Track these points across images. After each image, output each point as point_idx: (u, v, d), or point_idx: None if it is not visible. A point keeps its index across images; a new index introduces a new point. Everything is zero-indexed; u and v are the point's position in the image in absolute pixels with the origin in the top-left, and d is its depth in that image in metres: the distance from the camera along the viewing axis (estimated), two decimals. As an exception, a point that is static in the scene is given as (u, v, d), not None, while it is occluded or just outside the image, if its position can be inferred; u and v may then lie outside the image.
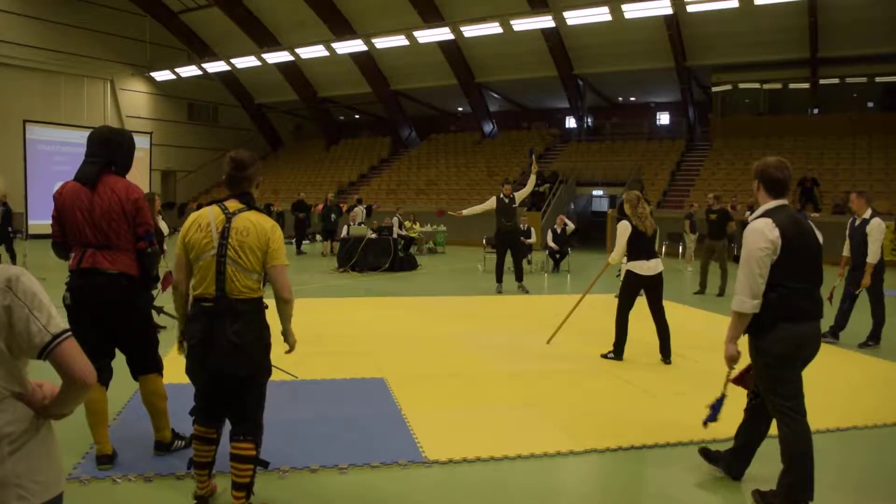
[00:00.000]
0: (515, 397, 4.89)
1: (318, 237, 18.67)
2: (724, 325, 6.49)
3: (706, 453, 3.63)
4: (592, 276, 7.10)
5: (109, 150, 3.40)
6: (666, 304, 9.99)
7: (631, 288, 6.09)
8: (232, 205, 2.89)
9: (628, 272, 6.04)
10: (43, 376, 1.75)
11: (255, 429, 2.94)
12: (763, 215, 3.14)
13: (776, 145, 21.90)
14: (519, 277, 10.79)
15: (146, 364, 3.52)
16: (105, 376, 3.46)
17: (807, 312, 3.13)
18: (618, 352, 6.10)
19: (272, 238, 2.84)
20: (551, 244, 14.35)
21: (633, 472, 3.70)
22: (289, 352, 3.05)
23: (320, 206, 18.02)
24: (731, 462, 3.51)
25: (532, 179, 10.65)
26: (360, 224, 15.43)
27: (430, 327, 7.63)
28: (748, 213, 15.30)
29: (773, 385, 3.17)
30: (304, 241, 18.60)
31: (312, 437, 3.98)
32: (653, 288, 6.05)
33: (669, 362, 5.98)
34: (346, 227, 15.05)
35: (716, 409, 3.51)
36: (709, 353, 6.45)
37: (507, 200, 10.34)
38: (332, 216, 17.19)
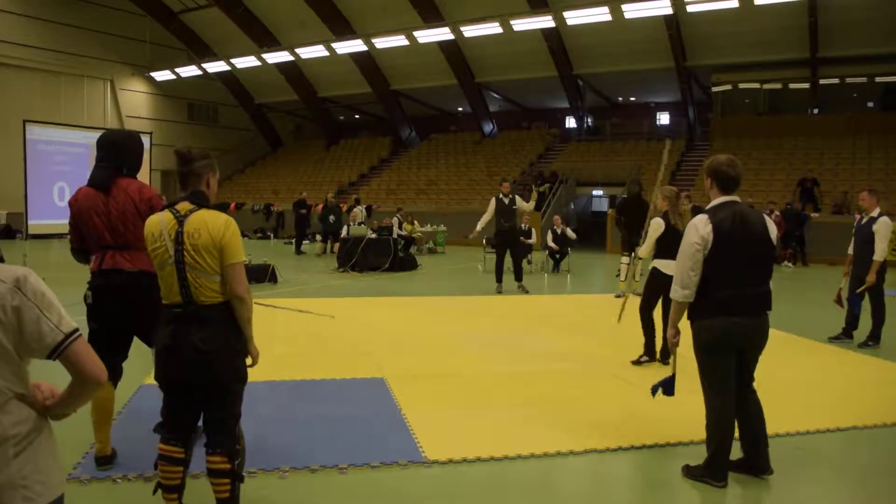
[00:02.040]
0: (515, 397, 4.88)
1: (318, 237, 18.66)
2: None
3: (731, 466, 3.54)
4: (593, 277, 7.11)
5: (119, 153, 3.49)
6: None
7: (654, 286, 5.86)
8: (183, 206, 2.74)
9: (654, 269, 5.86)
10: (39, 377, 1.74)
11: (227, 441, 2.78)
12: (704, 211, 3.35)
13: (776, 145, 21.92)
14: (518, 277, 10.80)
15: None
16: (116, 375, 3.50)
17: (739, 306, 3.28)
18: (650, 352, 5.95)
19: (226, 235, 2.68)
20: (551, 244, 14.35)
21: (633, 472, 3.70)
22: (251, 365, 2.87)
23: (320, 207, 18.01)
24: (753, 461, 3.51)
25: (532, 203, 10.84)
26: (360, 224, 15.43)
27: (430, 327, 7.62)
28: None
29: (701, 368, 3.45)
30: (304, 241, 18.58)
31: (312, 437, 3.98)
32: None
33: (668, 363, 5.97)
34: (346, 227, 15.05)
35: (665, 384, 3.69)
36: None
37: (506, 201, 10.37)
38: (331, 217, 17.12)
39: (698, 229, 3.25)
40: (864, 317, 7.01)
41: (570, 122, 28.79)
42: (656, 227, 5.81)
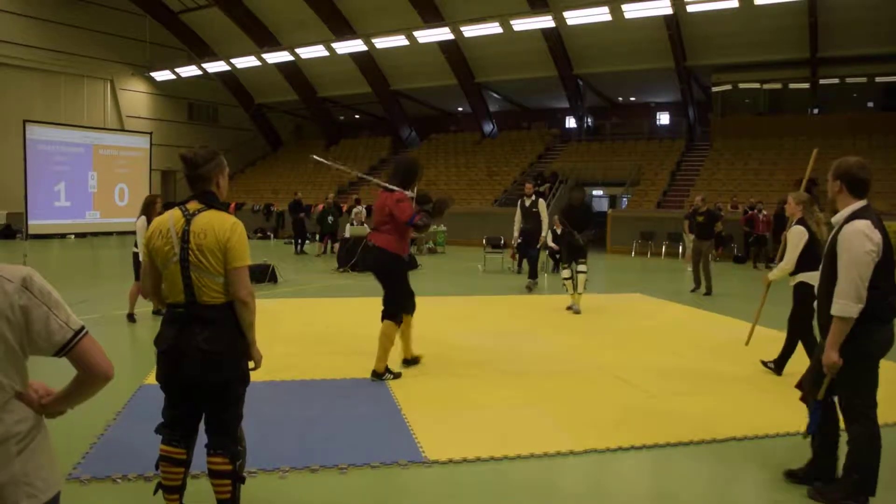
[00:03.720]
0: (515, 397, 4.88)
1: (317, 237, 18.66)
2: (724, 325, 6.48)
3: (793, 475, 3.44)
4: (593, 277, 7.05)
5: (398, 171, 5.49)
6: (665, 303, 10.00)
7: (809, 301, 5.29)
8: (192, 206, 2.75)
9: (802, 284, 5.24)
10: (37, 376, 1.74)
11: (227, 442, 2.78)
12: (856, 217, 3.09)
13: (776, 145, 21.91)
14: (533, 275, 11.22)
15: (388, 313, 5.29)
16: (398, 319, 5.33)
17: (893, 312, 3.11)
18: (780, 366, 5.60)
19: (231, 237, 2.68)
20: (551, 244, 14.35)
21: (633, 472, 3.70)
22: (254, 369, 2.87)
23: (320, 207, 18.00)
24: (829, 471, 3.35)
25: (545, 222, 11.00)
26: (362, 224, 15.43)
27: (431, 327, 7.61)
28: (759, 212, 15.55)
29: (856, 385, 3.13)
30: (305, 241, 18.57)
31: (312, 437, 3.98)
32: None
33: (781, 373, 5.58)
34: (346, 227, 15.05)
35: (815, 417, 3.31)
36: (708, 352, 6.45)
37: (527, 203, 10.64)
38: (329, 218, 17.09)
39: (870, 236, 2.99)
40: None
41: (570, 122, 28.78)
42: (799, 236, 5.22)
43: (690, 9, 19.06)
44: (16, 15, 24.21)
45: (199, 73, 28.02)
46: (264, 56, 26.10)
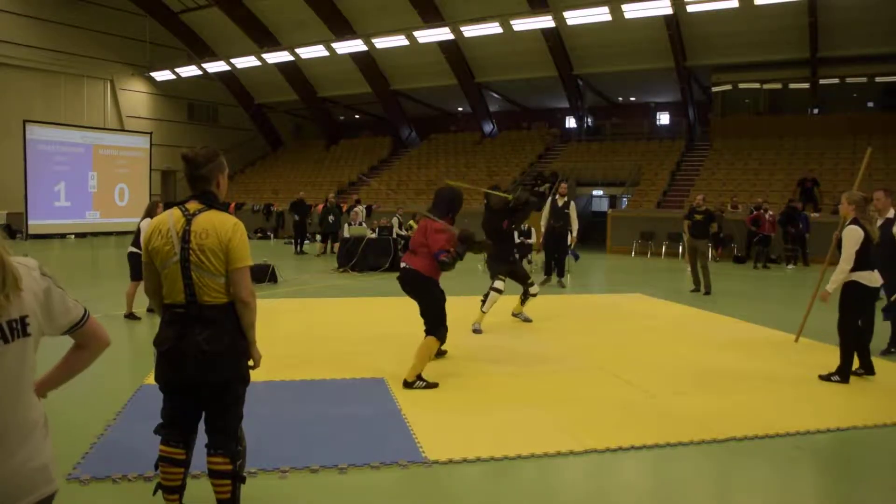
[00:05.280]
0: (515, 397, 4.89)
1: (318, 237, 18.67)
2: (724, 325, 6.46)
3: None
4: (593, 277, 7.05)
5: (441, 201, 5.59)
6: (665, 303, 10.00)
7: (861, 302, 5.34)
8: (192, 206, 2.74)
9: (855, 284, 5.27)
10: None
11: (227, 442, 2.79)
12: None
13: (776, 145, 21.91)
14: (561, 274, 11.68)
15: (429, 329, 5.21)
16: (440, 335, 5.29)
17: None
18: (844, 374, 5.38)
19: (233, 238, 2.68)
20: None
21: (634, 473, 3.70)
22: (253, 367, 2.87)
23: (320, 207, 18.02)
24: None
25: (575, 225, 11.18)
26: (360, 224, 15.44)
27: (430, 327, 7.60)
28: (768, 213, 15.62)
29: None
30: (304, 241, 18.58)
31: (312, 437, 3.98)
32: (872, 302, 5.43)
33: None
34: (346, 227, 15.06)
35: None
36: (708, 352, 6.45)
37: (560, 203, 10.82)
38: (331, 217, 17.15)
39: None
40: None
41: (570, 122, 28.77)
42: (856, 236, 5.20)
43: (690, 9, 19.06)
44: (16, 15, 24.20)
45: (199, 73, 28.01)
46: (264, 56, 26.10)
